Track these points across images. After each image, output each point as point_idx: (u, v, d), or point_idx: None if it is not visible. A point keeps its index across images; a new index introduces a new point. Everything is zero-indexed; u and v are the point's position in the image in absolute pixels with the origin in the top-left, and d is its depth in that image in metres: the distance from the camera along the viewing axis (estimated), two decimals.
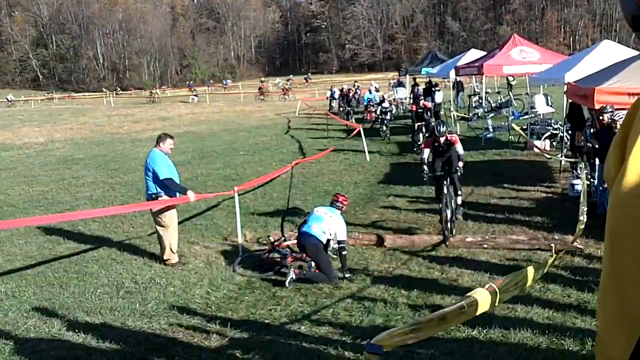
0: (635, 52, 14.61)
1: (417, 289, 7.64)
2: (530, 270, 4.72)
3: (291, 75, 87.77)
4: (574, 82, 13.49)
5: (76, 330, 6.74)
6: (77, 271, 9.18)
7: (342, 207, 9.06)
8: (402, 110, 33.55)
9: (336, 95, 39.47)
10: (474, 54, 27.69)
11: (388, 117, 24.97)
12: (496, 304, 4.18)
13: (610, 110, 10.67)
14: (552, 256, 6.46)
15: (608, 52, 15.13)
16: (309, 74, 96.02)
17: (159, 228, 9.34)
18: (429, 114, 21.03)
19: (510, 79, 33.28)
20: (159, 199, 9.22)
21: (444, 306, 6.74)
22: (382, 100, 26.86)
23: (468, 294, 3.71)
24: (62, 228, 11.62)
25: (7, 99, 72.93)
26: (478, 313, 3.62)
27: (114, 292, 8.15)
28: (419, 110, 20.70)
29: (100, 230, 11.70)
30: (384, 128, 24.40)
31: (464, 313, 3.48)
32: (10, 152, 26.32)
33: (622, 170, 1.19)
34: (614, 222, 1.21)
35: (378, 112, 26.42)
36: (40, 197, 15.74)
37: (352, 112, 33.47)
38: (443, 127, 11.01)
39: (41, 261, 9.76)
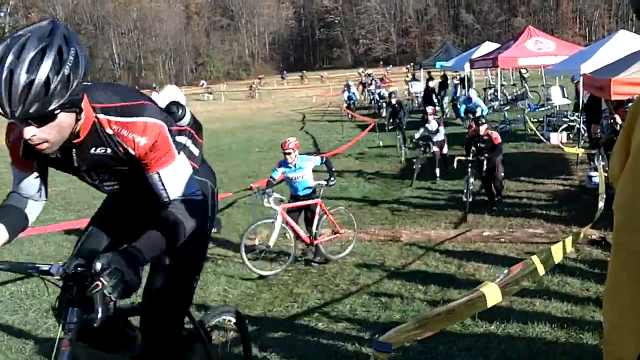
0: None
1: (434, 284, 7.61)
2: (537, 259, 4.71)
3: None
4: (589, 73, 13.39)
5: None
6: None
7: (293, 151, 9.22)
8: (417, 105, 33.44)
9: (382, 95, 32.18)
10: (488, 47, 27.58)
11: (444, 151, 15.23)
12: (507, 296, 4.14)
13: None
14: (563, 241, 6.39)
15: (625, 42, 14.99)
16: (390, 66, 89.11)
17: None
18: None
19: (524, 71, 33.22)
20: None
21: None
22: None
23: (477, 287, 3.69)
24: (80, 227, 11.68)
25: None
26: (488, 306, 3.60)
27: None
28: (485, 137, 11.45)
29: None
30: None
31: (473, 306, 3.45)
32: None
33: (627, 167, 1.19)
34: (621, 219, 1.20)
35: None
36: (58, 197, 15.86)
37: (403, 129, 18.59)
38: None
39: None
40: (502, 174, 11.64)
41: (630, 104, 10.28)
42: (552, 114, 19.95)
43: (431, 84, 27.23)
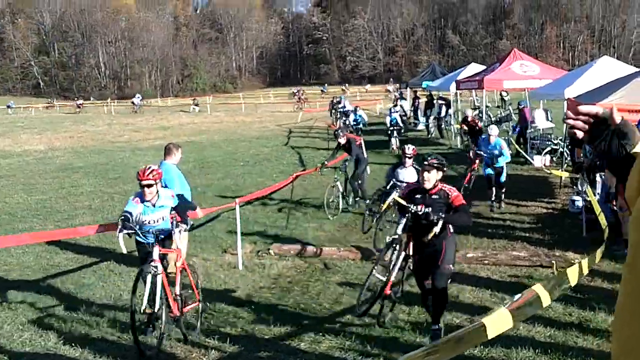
0: (634, 69, 14.67)
1: (418, 305, 7.57)
2: (548, 284, 4.65)
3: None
4: (574, 97, 13.49)
5: (73, 344, 6.67)
6: (74, 282, 9.12)
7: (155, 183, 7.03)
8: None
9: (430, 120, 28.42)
10: (474, 68, 27.80)
11: None
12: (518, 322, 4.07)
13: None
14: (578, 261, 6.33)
15: (607, 68, 15.20)
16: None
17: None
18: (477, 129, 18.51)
19: (504, 94, 33.57)
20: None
21: (446, 323, 6.71)
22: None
23: (488, 312, 3.63)
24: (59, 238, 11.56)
25: (132, 102, 65.20)
26: (499, 332, 3.53)
27: (111, 305, 8.08)
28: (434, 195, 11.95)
29: (98, 241, 11.63)
30: None
31: (483, 333, 3.37)
32: (9, 160, 26.29)
33: None
34: (638, 239, 1.17)
35: None
36: (39, 205, 15.70)
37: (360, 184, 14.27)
38: None
39: (46, 276, 9.71)
40: (451, 267, 6.75)
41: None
42: (535, 137, 20.06)
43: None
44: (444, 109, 27.99)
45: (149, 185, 6.89)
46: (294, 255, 10.14)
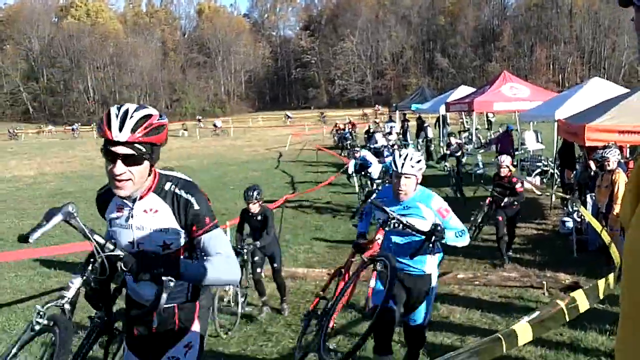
0: (625, 90, 14.81)
1: None
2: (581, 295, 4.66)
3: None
4: (564, 119, 13.60)
5: None
6: None
7: None
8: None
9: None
10: (463, 90, 28.01)
11: None
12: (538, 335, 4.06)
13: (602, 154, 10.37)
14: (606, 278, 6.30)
15: (598, 89, 15.29)
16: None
17: None
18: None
19: (490, 115, 33.75)
20: None
21: (436, 343, 6.74)
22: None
23: (511, 326, 3.65)
24: (52, 261, 11.54)
25: (214, 125, 61.43)
26: (519, 344, 3.52)
27: None
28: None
29: None
30: None
31: (501, 345, 3.38)
32: None
33: (637, 212, 1.20)
34: (633, 263, 1.19)
35: None
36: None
37: None
38: None
39: (31, 295, 9.68)
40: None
41: (602, 151, 10.45)
42: (525, 159, 20.19)
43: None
44: (429, 130, 28.22)
45: None
46: (286, 277, 10.13)
